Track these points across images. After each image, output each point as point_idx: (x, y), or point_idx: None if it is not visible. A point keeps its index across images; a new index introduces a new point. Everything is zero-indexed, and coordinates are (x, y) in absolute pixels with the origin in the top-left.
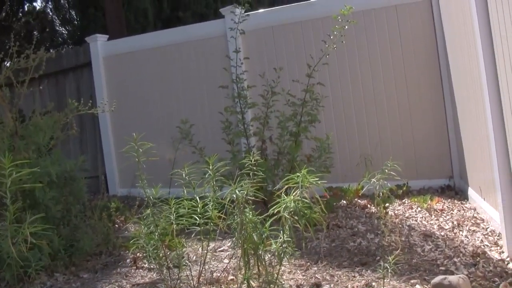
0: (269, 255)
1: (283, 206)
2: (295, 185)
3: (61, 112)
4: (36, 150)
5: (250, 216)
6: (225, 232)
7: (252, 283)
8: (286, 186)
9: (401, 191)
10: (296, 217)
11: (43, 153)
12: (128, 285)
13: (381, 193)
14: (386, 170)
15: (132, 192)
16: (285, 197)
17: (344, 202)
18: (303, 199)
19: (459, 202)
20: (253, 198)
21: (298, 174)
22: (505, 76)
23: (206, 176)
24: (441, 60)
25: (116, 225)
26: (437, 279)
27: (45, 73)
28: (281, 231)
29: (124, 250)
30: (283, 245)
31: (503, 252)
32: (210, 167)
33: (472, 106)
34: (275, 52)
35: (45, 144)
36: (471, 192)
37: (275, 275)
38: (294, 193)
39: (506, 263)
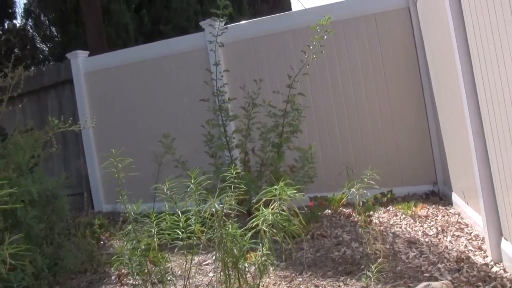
0: (253, 268)
1: (262, 219)
2: (273, 197)
3: (42, 130)
4: (17, 169)
5: (230, 230)
6: (210, 245)
7: None
8: (265, 199)
9: (386, 198)
10: (274, 230)
11: (24, 172)
12: None
13: (361, 202)
14: (366, 179)
15: (117, 208)
16: (264, 210)
17: (329, 211)
18: (281, 212)
19: (443, 208)
20: (236, 211)
21: (275, 186)
22: (482, 83)
23: (188, 190)
24: (421, 66)
25: (101, 242)
26: (421, 286)
27: (26, 90)
28: (260, 244)
29: (109, 267)
30: (263, 258)
31: (486, 256)
32: (192, 181)
33: (453, 113)
34: (256, 63)
35: (26, 163)
36: (455, 197)
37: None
38: (272, 206)
39: (490, 267)
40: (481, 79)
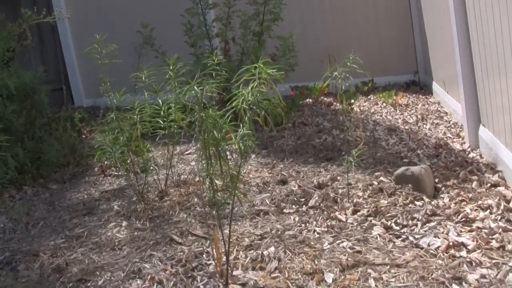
0: (235, 155)
1: (241, 99)
2: (252, 77)
3: (15, 23)
4: None
5: (210, 112)
6: (191, 135)
7: (217, 181)
8: (244, 79)
9: (367, 87)
10: (255, 107)
11: (0, 65)
12: (97, 193)
13: (343, 87)
14: (348, 64)
15: (97, 102)
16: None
17: (310, 100)
18: (261, 90)
19: (423, 97)
20: (218, 99)
21: (255, 65)
22: None
23: (167, 77)
24: None
25: (83, 136)
26: (400, 170)
27: None
28: (241, 125)
29: (92, 160)
30: (243, 138)
31: (464, 143)
32: (171, 67)
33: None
34: None
35: (0, 57)
36: (435, 86)
37: (238, 170)
38: (252, 85)
39: (467, 153)
40: None
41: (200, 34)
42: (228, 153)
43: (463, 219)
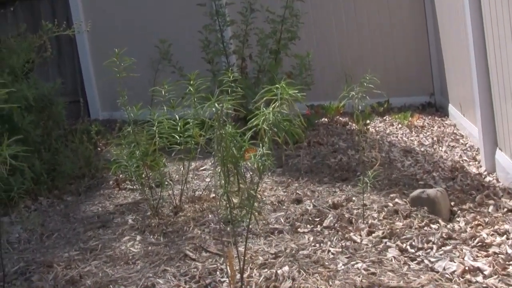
0: (251, 173)
1: (262, 119)
2: (273, 97)
3: (36, 35)
4: (12, 73)
5: (229, 130)
6: (207, 151)
7: (233, 199)
8: (265, 99)
9: (382, 108)
10: (275, 129)
11: (19, 76)
12: (111, 206)
13: (359, 107)
14: (365, 83)
15: (113, 115)
16: (264, 110)
17: (325, 119)
18: (282, 111)
19: (439, 119)
20: (234, 115)
21: (277, 85)
22: None
23: (187, 91)
24: None
25: (98, 149)
26: (416, 192)
27: None
28: (260, 144)
29: (107, 173)
30: (262, 158)
31: (480, 167)
32: (191, 82)
33: (453, 23)
34: None
35: (20, 67)
36: (451, 108)
37: (255, 188)
38: (273, 105)
39: (483, 177)
40: None
41: (217, 50)
42: (243, 170)
43: (479, 243)
